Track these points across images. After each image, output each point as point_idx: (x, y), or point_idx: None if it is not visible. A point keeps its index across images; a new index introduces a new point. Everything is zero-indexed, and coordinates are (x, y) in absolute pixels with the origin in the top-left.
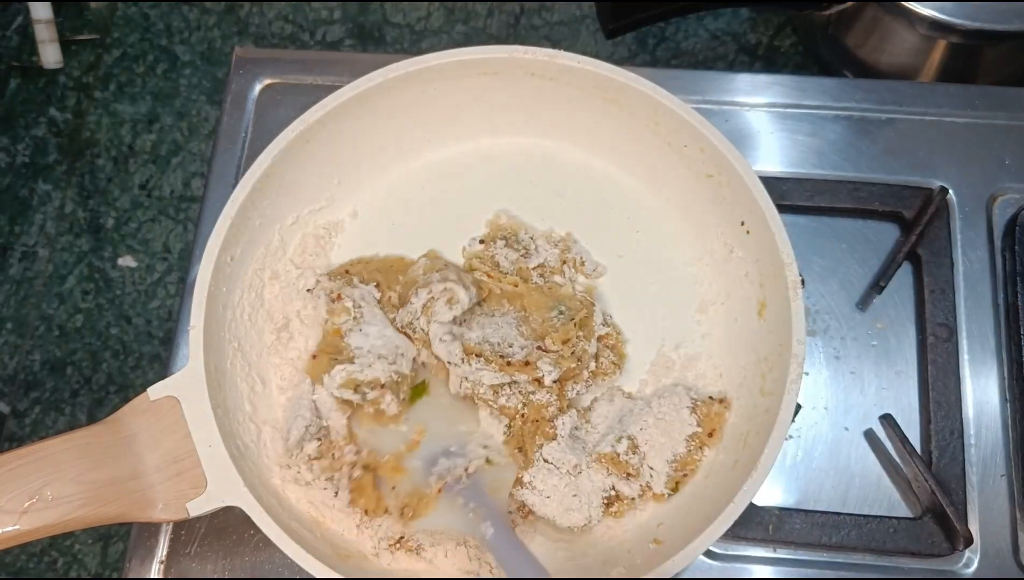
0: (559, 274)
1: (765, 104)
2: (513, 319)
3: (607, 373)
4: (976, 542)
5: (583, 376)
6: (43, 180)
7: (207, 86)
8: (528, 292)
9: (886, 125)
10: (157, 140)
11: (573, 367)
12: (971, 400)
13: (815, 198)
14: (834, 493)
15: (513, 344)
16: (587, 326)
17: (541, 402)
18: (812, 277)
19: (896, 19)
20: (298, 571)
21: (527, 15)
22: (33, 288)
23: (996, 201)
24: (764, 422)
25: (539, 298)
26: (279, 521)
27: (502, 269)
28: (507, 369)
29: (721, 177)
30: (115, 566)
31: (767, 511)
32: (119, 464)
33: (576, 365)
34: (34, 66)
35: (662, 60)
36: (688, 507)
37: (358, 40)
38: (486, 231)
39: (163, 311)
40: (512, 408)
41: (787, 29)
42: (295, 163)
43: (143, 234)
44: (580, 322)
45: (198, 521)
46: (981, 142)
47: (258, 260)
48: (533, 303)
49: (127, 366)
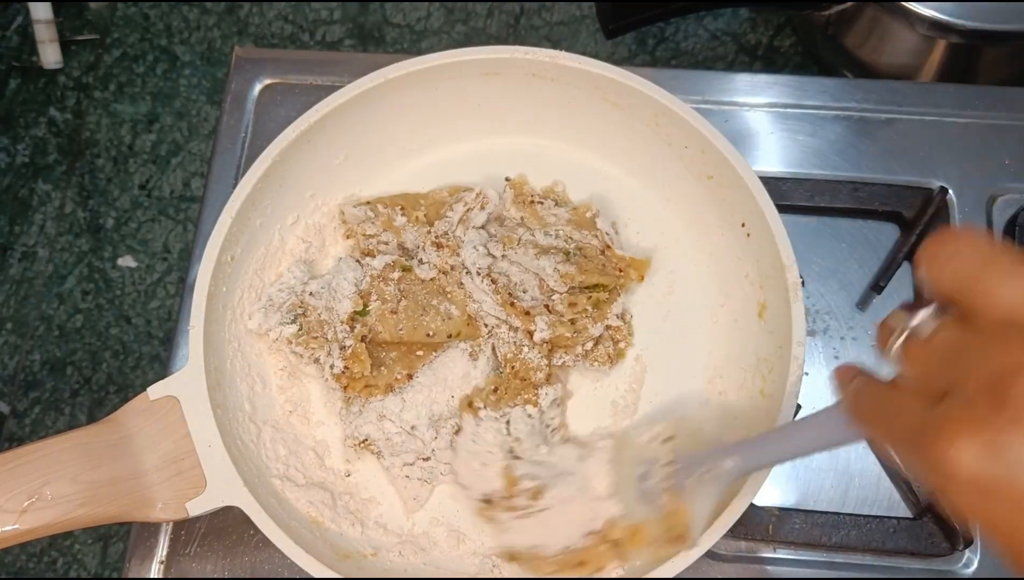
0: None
1: (765, 104)
2: (549, 263)
3: (598, 360)
4: (976, 542)
5: (575, 350)
6: (43, 180)
7: (207, 86)
8: (583, 247)
9: (886, 125)
10: (157, 140)
11: (567, 337)
12: None
13: (815, 198)
14: (834, 493)
15: (527, 291)
16: (602, 309)
17: (530, 362)
18: (812, 277)
19: (896, 19)
20: (298, 571)
21: (527, 15)
22: (33, 288)
23: (996, 201)
24: (764, 425)
25: (589, 260)
26: (278, 521)
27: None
28: (508, 309)
29: (722, 179)
30: (115, 566)
31: (767, 511)
32: (119, 464)
33: (571, 336)
34: (34, 66)
35: (662, 60)
36: None
37: (358, 40)
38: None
39: (163, 311)
40: (504, 354)
41: (787, 29)
42: (296, 163)
43: (143, 234)
44: (596, 301)
45: (198, 521)
46: (981, 142)
47: (258, 260)
48: (583, 262)
49: (127, 366)
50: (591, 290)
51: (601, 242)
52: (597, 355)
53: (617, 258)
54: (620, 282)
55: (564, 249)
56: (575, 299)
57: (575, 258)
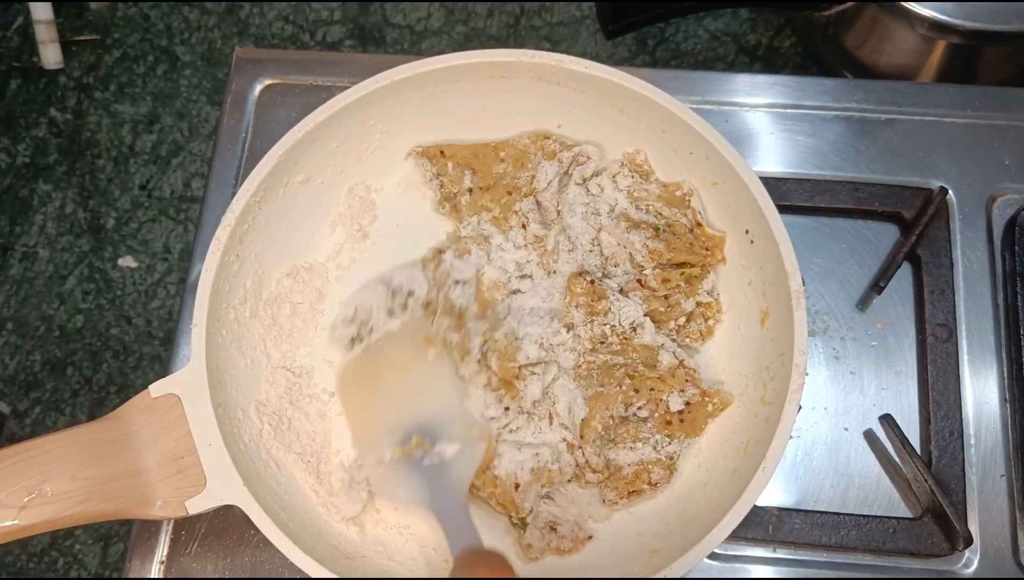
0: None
1: (765, 105)
2: (639, 238)
3: (690, 337)
4: (976, 542)
5: (669, 326)
6: (43, 180)
7: (207, 87)
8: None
9: (886, 125)
10: (157, 140)
11: (661, 311)
12: (971, 400)
13: (815, 198)
14: (834, 493)
15: (619, 265)
16: (693, 284)
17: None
18: (812, 277)
19: (896, 19)
20: (298, 571)
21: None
22: (34, 288)
23: (996, 201)
24: (765, 431)
25: (677, 237)
26: (277, 521)
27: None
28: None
29: (726, 185)
30: (115, 566)
31: (767, 511)
32: (119, 461)
33: (665, 310)
34: (35, 67)
35: (662, 60)
36: (687, 515)
37: (358, 41)
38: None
39: (163, 311)
40: (594, 336)
41: (787, 30)
42: (301, 163)
43: (143, 234)
44: (688, 276)
45: (199, 521)
46: (981, 142)
47: (262, 259)
48: (671, 240)
49: (127, 366)
50: (680, 267)
51: (691, 221)
52: (689, 332)
53: (706, 237)
54: (707, 261)
55: (654, 225)
56: (668, 274)
57: (664, 235)
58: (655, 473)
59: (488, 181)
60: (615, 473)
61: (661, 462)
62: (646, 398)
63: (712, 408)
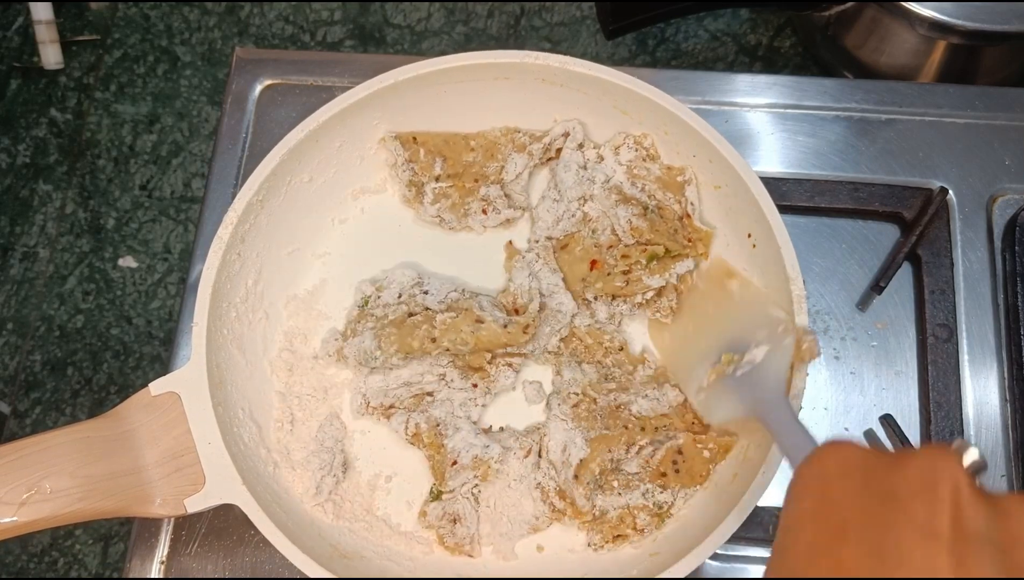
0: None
1: (765, 105)
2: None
3: (660, 312)
4: None
5: (634, 300)
6: (44, 181)
7: (208, 87)
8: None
9: (886, 125)
10: (158, 141)
11: (620, 287)
12: (971, 400)
13: (815, 198)
14: None
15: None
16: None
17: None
18: (812, 277)
19: (896, 20)
20: (297, 571)
21: (527, 16)
22: (34, 288)
23: (996, 201)
24: (765, 434)
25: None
26: (276, 520)
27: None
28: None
29: (728, 188)
30: (115, 566)
31: (767, 511)
32: (118, 458)
33: (624, 286)
34: (35, 67)
35: (662, 61)
36: (686, 518)
37: (359, 41)
38: None
39: (164, 312)
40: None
41: (787, 30)
42: (304, 162)
43: (144, 235)
44: (651, 255)
45: (199, 521)
46: (981, 142)
47: (263, 259)
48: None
49: (128, 366)
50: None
51: (682, 209)
52: (659, 306)
53: (692, 229)
54: (686, 252)
55: (644, 204)
56: (628, 252)
57: (651, 216)
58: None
59: (457, 169)
60: (600, 517)
61: (648, 509)
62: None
63: (709, 454)
